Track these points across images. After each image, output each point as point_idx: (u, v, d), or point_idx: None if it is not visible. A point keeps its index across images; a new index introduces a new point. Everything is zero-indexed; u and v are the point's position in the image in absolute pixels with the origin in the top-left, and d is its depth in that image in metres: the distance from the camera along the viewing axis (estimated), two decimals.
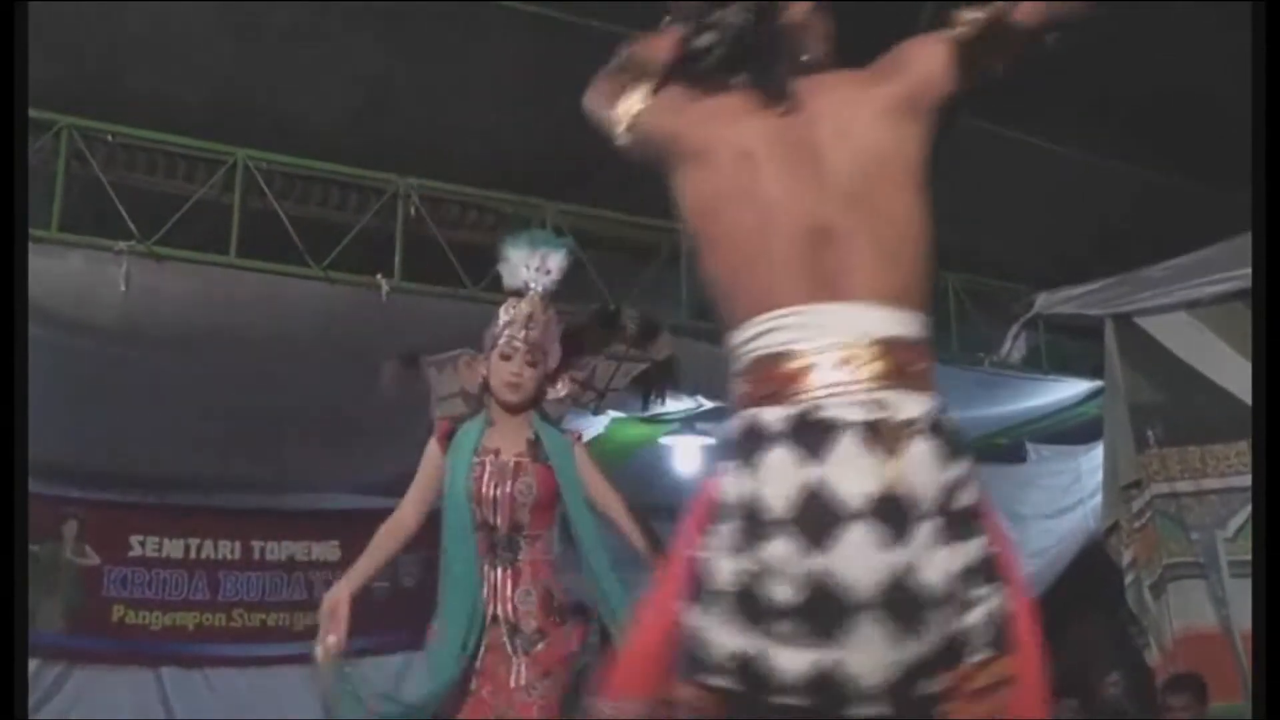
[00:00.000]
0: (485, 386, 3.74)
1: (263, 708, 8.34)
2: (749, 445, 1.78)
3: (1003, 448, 9.60)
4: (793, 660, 1.71)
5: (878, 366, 1.78)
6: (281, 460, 7.99)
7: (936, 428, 1.78)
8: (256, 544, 8.85)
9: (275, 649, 8.62)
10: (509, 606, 3.54)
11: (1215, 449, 6.58)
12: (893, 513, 1.70)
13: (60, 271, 6.06)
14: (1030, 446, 9.34)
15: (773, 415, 1.77)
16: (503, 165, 7.61)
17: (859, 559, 1.69)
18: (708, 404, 8.18)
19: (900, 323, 1.83)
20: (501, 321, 3.75)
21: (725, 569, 1.76)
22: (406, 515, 3.66)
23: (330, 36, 7.21)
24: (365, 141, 7.40)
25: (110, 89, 6.80)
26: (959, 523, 1.77)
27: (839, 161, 1.87)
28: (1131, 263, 6.93)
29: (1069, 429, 9.08)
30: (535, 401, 3.78)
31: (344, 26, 7.20)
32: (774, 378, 1.79)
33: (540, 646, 3.54)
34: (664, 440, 8.64)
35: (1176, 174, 8.43)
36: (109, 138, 6.78)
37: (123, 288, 6.15)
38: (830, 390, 1.76)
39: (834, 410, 1.74)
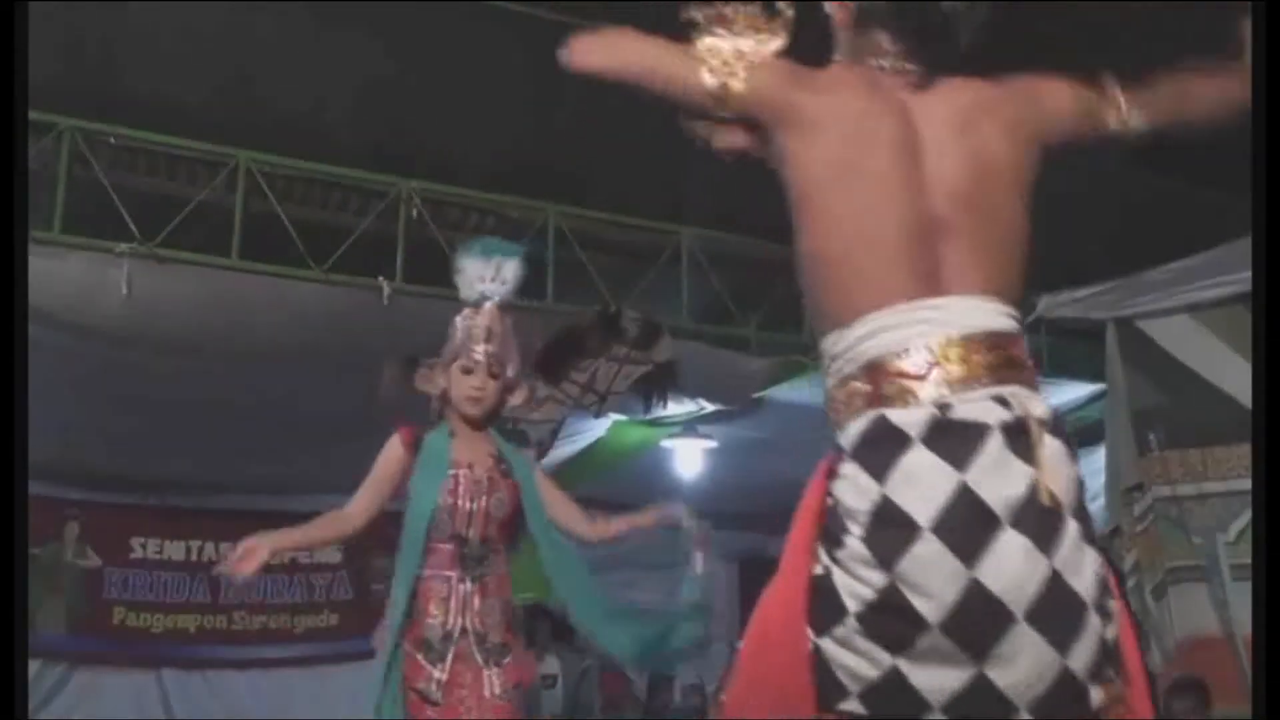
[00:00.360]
0: (444, 398, 3.74)
1: (263, 710, 8.35)
2: (880, 449, 1.68)
3: None
4: (941, 679, 1.61)
5: (997, 361, 1.73)
6: (283, 462, 7.98)
7: (1059, 423, 1.75)
8: None
9: (276, 651, 8.63)
10: (476, 619, 3.55)
11: (1217, 452, 6.56)
12: (1042, 517, 1.64)
13: (62, 273, 6.06)
14: None
15: (906, 417, 1.68)
16: (505, 168, 7.61)
17: (1011, 567, 1.60)
18: (709, 407, 8.19)
19: (1009, 317, 1.80)
20: (459, 334, 3.74)
21: (859, 584, 1.65)
22: (356, 513, 3.64)
23: (332, 40, 7.22)
24: (367, 144, 7.41)
25: (112, 91, 6.80)
26: (1089, 524, 1.72)
27: (957, 158, 1.83)
28: (1133, 266, 6.92)
29: (1071, 432, 9.06)
30: (496, 413, 3.77)
31: (346, 30, 7.21)
32: (897, 375, 1.71)
33: (508, 659, 3.57)
34: (665, 443, 8.64)
35: (1179, 177, 8.43)
36: (111, 140, 6.79)
37: (124, 290, 6.15)
38: (957, 387, 1.70)
39: (968, 410, 1.68)
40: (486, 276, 3.80)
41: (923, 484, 1.64)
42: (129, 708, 8.26)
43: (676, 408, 8.08)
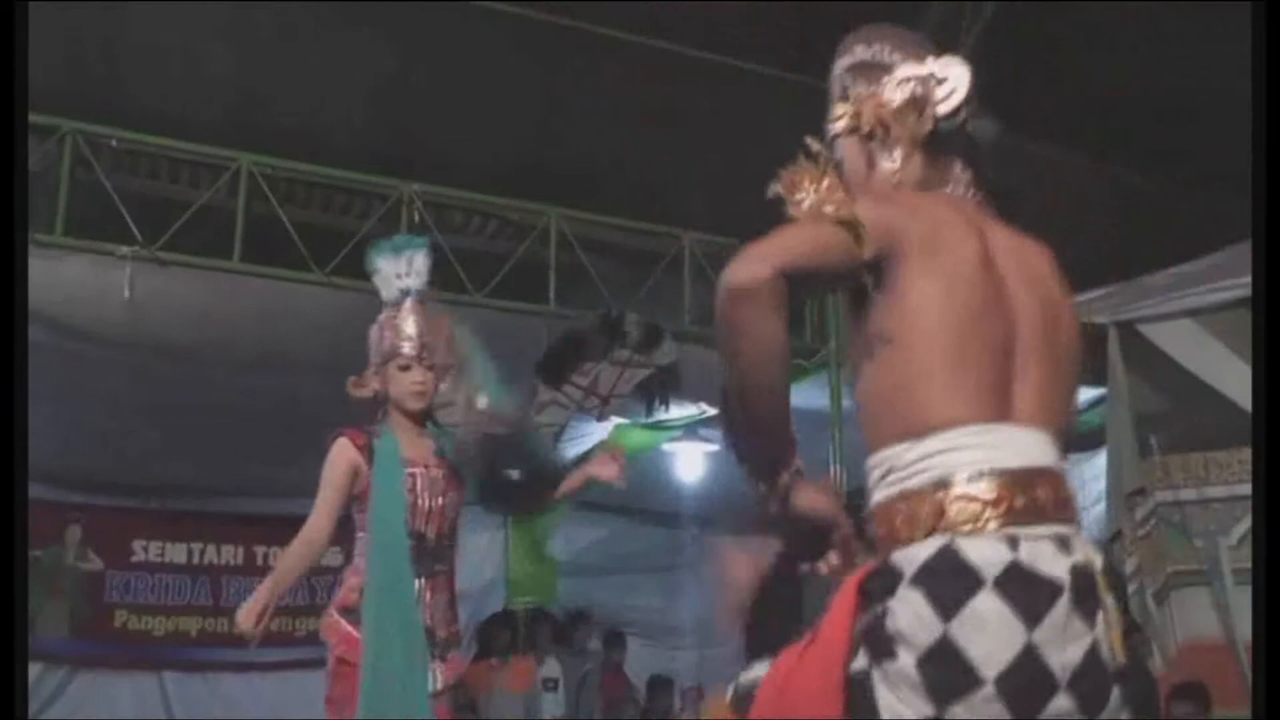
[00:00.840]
0: (381, 399, 3.74)
1: (264, 712, 8.34)
2: (949, 583, 1.64)
3: None
4: None
5: (1056, 498, 1.74)
6: (284, 466, 7.97)
7: (1116, 576, 1.77)
8: (259, 549, 8.85)
9: (277, 654, 8.60)
10: (428, 614, 3.59)
11: (1219, 456, 6.55)
12: (1095, 683, 1.66)
13: (64, 276, 6.07)
14: None
15: (978, 554, 1.65)
16: (507, 171, 7.62)
17: None
18: (711, 410, 8.18)
19: (1063, 455, 1.82)
20: (387, 334, 3.74)
21: (903, 705, 1.63)
22: (320, 530, 3.60)
23: (335, 42, 7.22)
24: (369, 147, 7.42)
25: (114, 94, 6.81)
26: (1141, 679, 1.76)
27: (1032, 289, 1.87)
28: (1134, 270, 6.92)
29: (1072, 436, 9.06)
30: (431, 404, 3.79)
31: (349, 32, 7.22)
32: (966, 498, 1.69)
33: (453, 652, 3.65)
34: (667, 446, 8.64)
35: (1181, 181, 8.43)
36: (113, 143, 6.80)
37: (126, 293, 6.16)
38: (1022, 519, 1.69)
39: (1036, 552, 1.66)
40: (401, 273, 3.82)
41: (990, 634, 1.62)
42: (130, 710, 8.25)
43: (678, 411, 8.07)
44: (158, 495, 8.55)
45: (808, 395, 8.31)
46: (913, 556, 1.68)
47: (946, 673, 1.61)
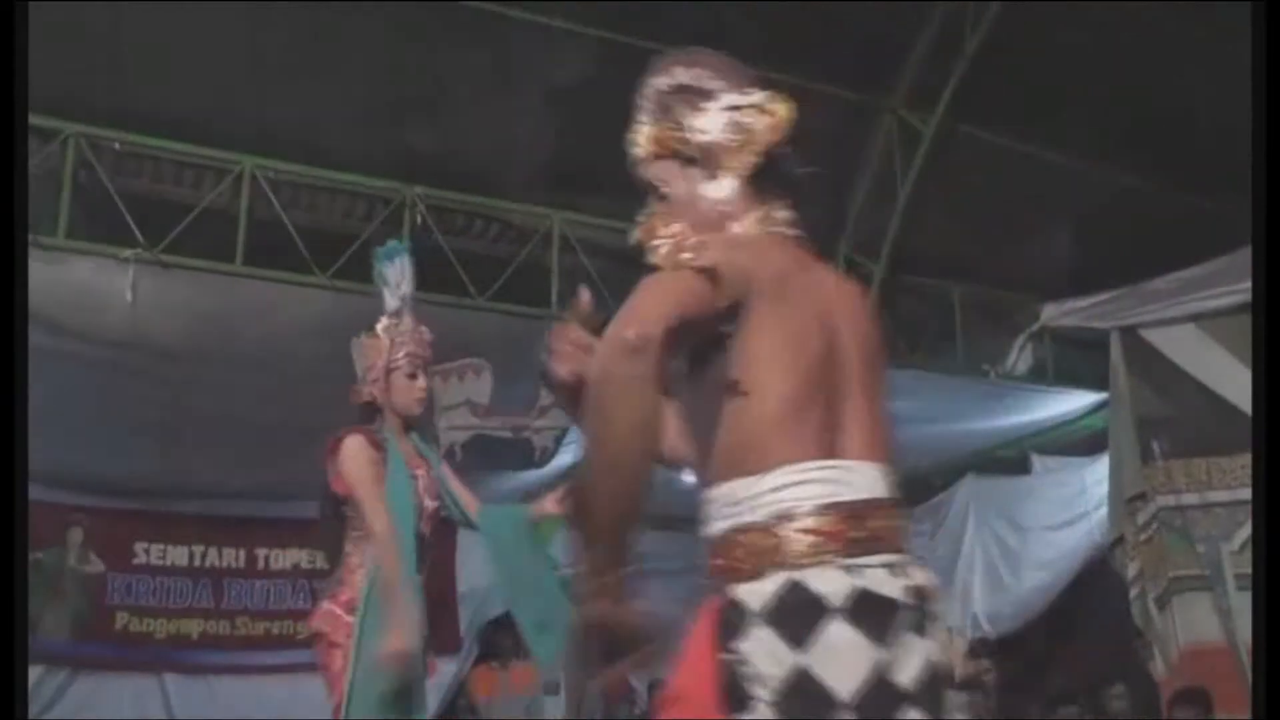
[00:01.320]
0: (379, 405, 3.74)
1: (265, 715, 8.33)
2: (800, 615, 1.70)
3: (1007, 459, 9.59)
4: None
5: (890, 528, 1.80)
6: (286, 468, 7.97)
7: (937, 594, 1.83)
8: (261, 552, 8.86)
9: (279, 657, 8.62)
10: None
11: (1221, 461, 6.55)
12: (935, 691, 1.74)
13: (66, 279, 6.08)
14: (1035, 458, 9.33)
15: (827, 585, 1.71)
16: (509, 175, 7.62)
17: None
18: None
19: (894, 486, 1.85)
20: (394, 340, 3.76)
21: None
22: (387, 527, 3.54)
23: (337, 46, 7.22)
24: (371, 151, 7.42)
25: (117, 97, 6.81)
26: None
27: (853, 330, 1.90)
28: (1137, 275, 6.92)
29: (1074, 441, 9.07)
30: None
31: (351, 36, 7.22)
32: (806, 531, 1.74)
33: (428, 653, 3.64)
34: None
35: (1184, 186, 8.42)
36: (116, 146, 6.81)
37: (129, 295, 6.16)
38: (858, 550, 1.74)
39: (874, 580, 1.73)
40: (400, 280, 3.85)
41: (843, 659, 1.68)
42: (131, 713, 8.24)
43: None
44: (160, 497, 8.55)
45: None
46: (758, 591, 1.72)
47: (805, 703, 1.66)
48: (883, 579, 1.73)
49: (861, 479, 1.80)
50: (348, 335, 3.97)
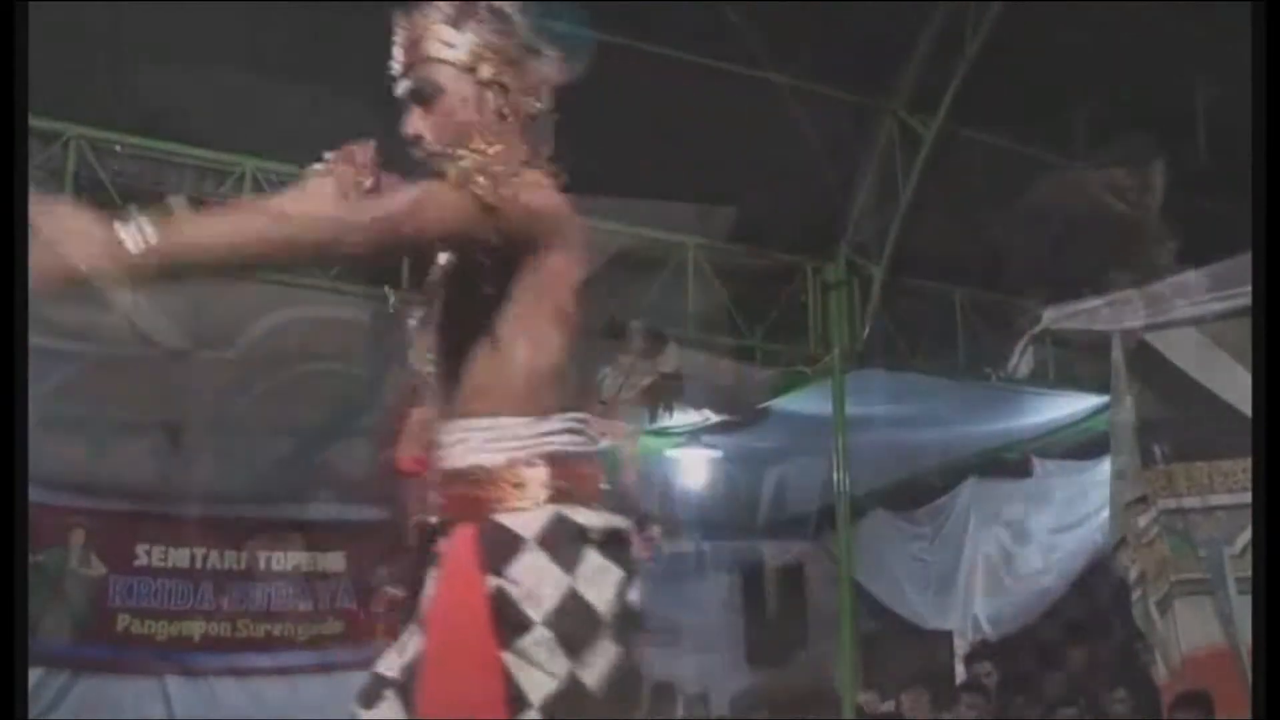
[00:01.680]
0: None
1: (266, 717, 8.33)
2: (568, 545, 1.90)
3: (1009, 462, 9.59)
4: None
5: (600, 477, 2.04)
6: (288, 470, 7.99)
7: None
8: (262, 554, 8.85)
9: (280, 659, 8.62)
10: None
11: (1223, 465, 6.55)
12: (637, 611, 2.01)
13: None
14: (1036, 461, 9.32)
15: (587, 519, 1.93)
16: None
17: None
18: (714, 417, 8.18)
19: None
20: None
21: (544, 679, 1.84)
22: None
23: (337, 46, 7.22)
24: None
25: (118, 99, 6.81)
26: None
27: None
28: (1139, 279, 6.92)
29: (1076, 444, 9.06)
30: None
31: (351, 36, 7.22)
32: (574, 476, 1.96)
33: None
34: (670, 453, 8.63)
35: (1186, 190, 8.41)
36: (117, 148, 6.80)
37: (130, 297, 6.15)
38: (595, 498, 1.98)
39: (613, 521, 1.97)
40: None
41: (604, 584, 1.91)
42: (133, 715, 8.24)
43: (681, 418, 8.07)
44: (161, 500, 8.54)
45: (810, 401, 8.31)
46: (528, 522, 1.91)
47: (574, 620, 1.86)
48: (611, 518, 1.96)
49: (592, 430, 2.03)
50: (350, 337, 3.97)
